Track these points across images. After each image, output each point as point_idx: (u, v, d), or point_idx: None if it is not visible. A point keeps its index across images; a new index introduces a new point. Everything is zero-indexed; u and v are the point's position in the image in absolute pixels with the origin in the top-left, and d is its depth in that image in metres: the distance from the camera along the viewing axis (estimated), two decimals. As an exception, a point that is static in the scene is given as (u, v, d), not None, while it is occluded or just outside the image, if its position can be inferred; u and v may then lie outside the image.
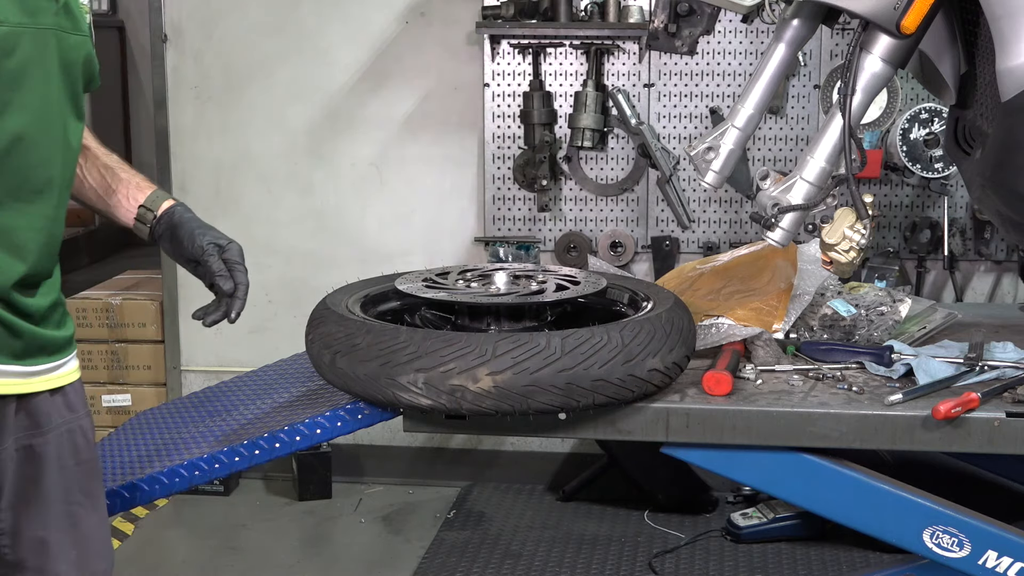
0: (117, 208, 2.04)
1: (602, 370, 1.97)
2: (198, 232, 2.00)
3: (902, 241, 3.92)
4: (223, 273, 1.97)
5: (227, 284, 1.97)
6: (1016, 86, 2.03)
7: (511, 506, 4.11)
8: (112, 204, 2.04)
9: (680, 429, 2.12)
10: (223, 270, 1.98)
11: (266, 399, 2.42)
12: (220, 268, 1.97)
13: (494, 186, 4.09)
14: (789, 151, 3.95)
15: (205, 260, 1.98)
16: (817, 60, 3.89)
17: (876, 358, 2.32)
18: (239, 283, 1.98)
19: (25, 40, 1.68)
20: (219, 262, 1.98)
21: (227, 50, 4.18)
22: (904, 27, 2.07)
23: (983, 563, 2.08)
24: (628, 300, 2.36)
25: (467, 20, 4.01)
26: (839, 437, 2.10)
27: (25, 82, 1.69)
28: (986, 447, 2.09)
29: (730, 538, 3.75)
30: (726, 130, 2.31)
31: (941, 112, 3.60)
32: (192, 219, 2.03)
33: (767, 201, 2.20)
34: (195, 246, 1.99)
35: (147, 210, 2.03)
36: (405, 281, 2.29)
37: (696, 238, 4.04)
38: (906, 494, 2.13)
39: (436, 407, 1.98)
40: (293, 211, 4.25)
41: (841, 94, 2.13)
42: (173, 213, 2.02)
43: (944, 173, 3.66)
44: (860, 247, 2.31)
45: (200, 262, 1.99)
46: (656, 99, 3.98)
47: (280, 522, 4.08)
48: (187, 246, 1.99)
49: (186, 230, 2.00)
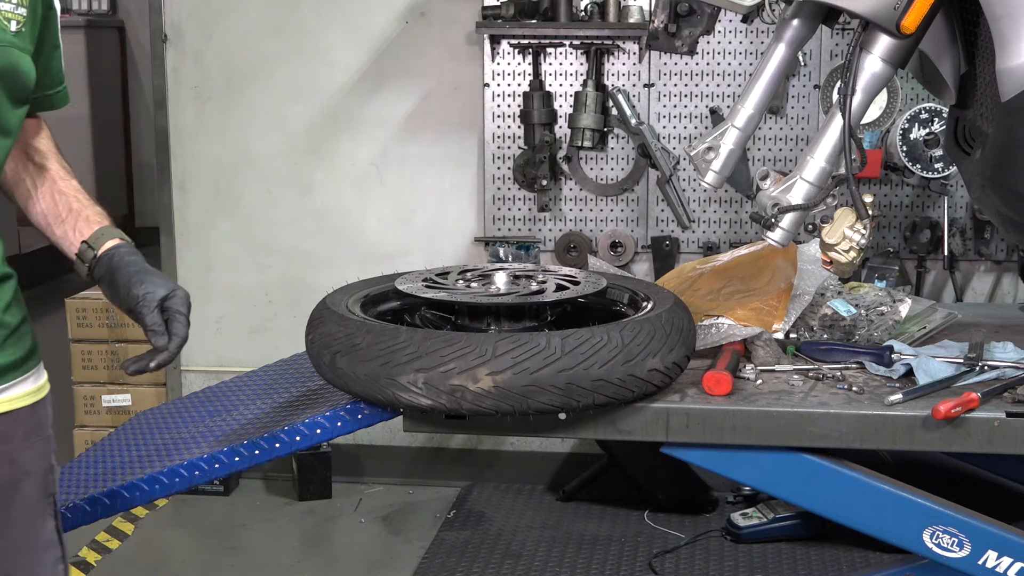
0: (62, 239, 1.89)
1: (602, 370, 1.97)
2: (135, 280, 1.83)
3: (902, 241, 3.92)
4: (156, 329, 1.80)
5: (160, 341, 1.80)
6: (1016, 86, 2.03)
7: (511, 506, 4.11)
8: (58, 234, 1.89)
9: (680, 429, 2.12)
10: (157, 324, 1.81)
11: (266, 399, 2.42)
12: (154, 323, 1.81)
13: (494, 186, 4.09)
14: (789, 151, 3.95)
15: (139, 312, 1.81)
16: (817, 60, 3.89)
17: (876, 358, 2.32)
18: (175, 335, 1.82)
19: None
20: (154, 315, 1.81)
21: (227, 50, 4.18)
22: (904, 27, 2.07)
23: (983, 563, 2.08)
24: (628, 300, 2.36)
25: (467, 20, 4.01)
26: (839, 437, 2.10)
27: None
28: (986, 447, 2.09)
29: (730, 538, 3.75)
30: (726, 130, 2.31)
31: (941, 112, 3.60)
32: (133, 263, 1.85)
33: (767, 201, 2.20)
34: (130, 295, 1.82)
35: (88, 247, 1.87)
36: (405, 281, 2.29)
37: (696, 238, 4.04)
38: (906, 494, 2.13)
39: (436, 407, 1.98)
40: (293, 211, 4.24)
41: (841, 94, 2.13)
42: (113, 255, 1.85)
43: (944, 173, 3.66)
44: (860, 247, 2.31)
45: (134, 313, 1.83)
46: (656, 99, 3.98)
47: (280, 522, 4.08)
48: (123, 294, 1.83)
49: (123, 275, 1.83)
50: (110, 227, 1.89)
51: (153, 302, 1.81)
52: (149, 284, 1.83)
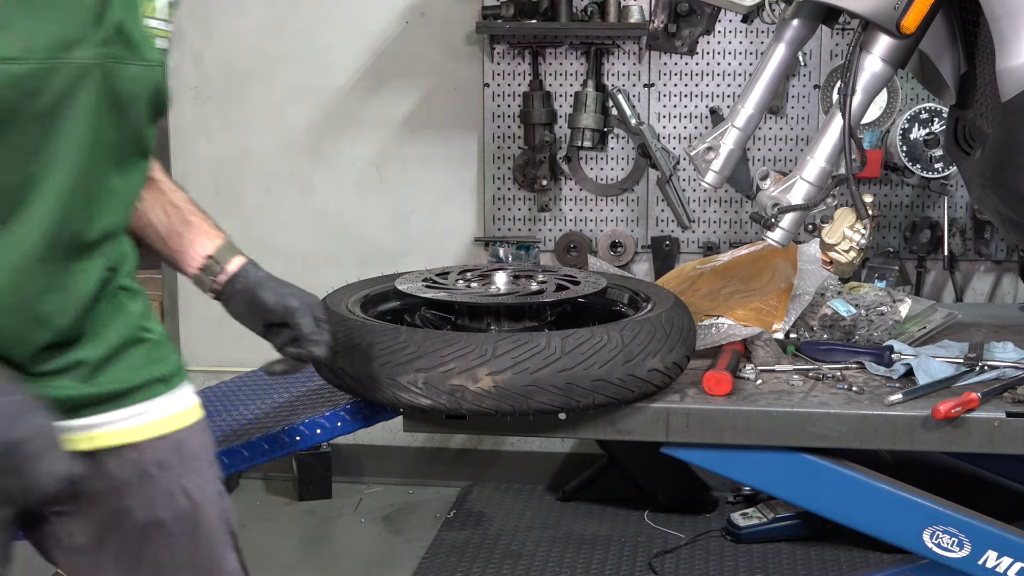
0: (177, 253, 1.83)
1: (602, 370, 1.97)
2: (283, 292, 1.81)
3: (902, 241, 3.92)
4: (315, 338, 1.79)
5: (319, 350, 1.80)
6: (1016, 86, 2.03)
7: (511, 506, 4.11)
8: (172, 247, 1.83)
9: (680, 429, 2.12)
10: (315, 333, 1.80)
11: (266, 399, 2.42)
12: (311, 331, 1.79)
13: (494, 186, 4.09)
14: (789, 151, 3.95)
15: (296, 323, 1.79)
16: (817, 60, 3.89)
17: (876, 358, 2.32)
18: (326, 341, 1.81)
19: (56, 78, 1.47)
20: (311, 325, 1.80)
21: (227, 50, 4.18)
22: (904, 27, 2.07)
23: (983, 563, 2.08)
24: (628, 300, 2.36)
25: (467, 20, 4.01)
26: (839, 437, 2.10)
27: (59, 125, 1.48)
28: (986, 447, 2.10)
29: (730, 538, 3.75)
30: (726, 130, 2.31)
31: (941, 112, 3.60)
32: (269, 277, 1.84)
33: (767, 201, 2.20)
34: (284, 307, 1.80)
35: (215, 262, 1.82)
36: (405, 281, 2.29)
37: (696, 238, 4.04)
38: (906, 494, 2.13)
39: (436, 407, 1.98)
40: (293, 211, 4.24)
41: (841, 94, 2.14)
42: (249, 272, 1.82)
43: (944, 173, 3.66)
44: (860, 247, 2.31)
45: (289, 325, 1.80)
46: (656, 99, 3.97)
47: (280, 522, 4.07)
48: (271, 307, 1.80)
49: (267, 290, 1.81)
50: (231, 242, 1.85)
51: (308, 312, 1.80)
52: (297, 295, 1.82)
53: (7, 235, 1.47)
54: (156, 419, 1.65)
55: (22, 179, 1.47)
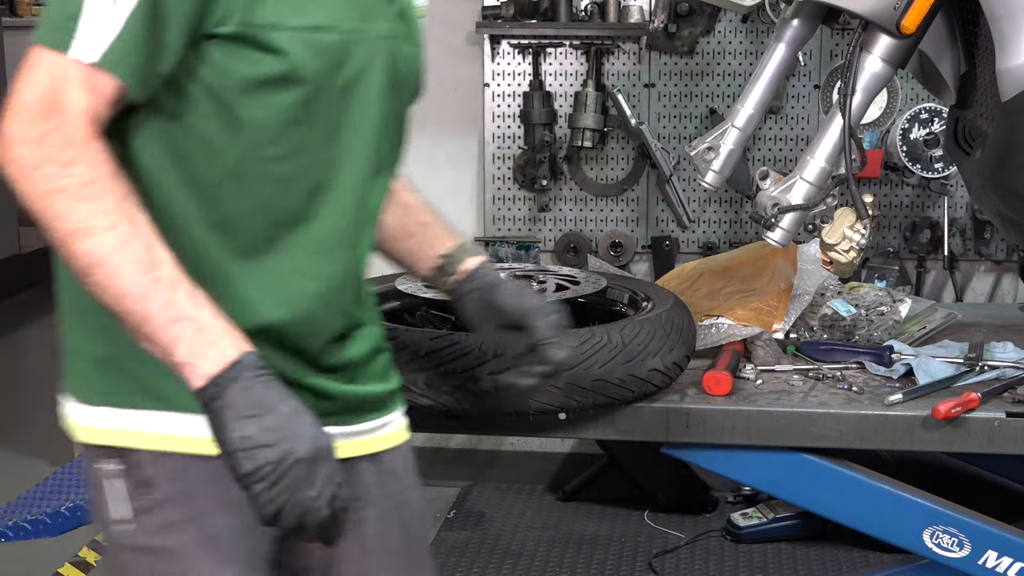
0: (409, 253, 1.76)
1: (602, 370, 1.98)
2: (520, 294, 1.72)
3: (902, 241, 3.92)
4: (552, 340, 1.68)
5: (560, 354, 1.68)
6: (1016, 86, 2.03)
7: (511, 506, 4.11)
8: (404, 248, 1.76)
9: (680, 429, 2.12)
10: (552, 336, 1.68)
11: (266, 399, 2.41)
12: (549, 334, 1.68)
13: (494, 186, 4.09)
14: (789, 151, 3.95)
15: (532, 324, 1.69)
16: (817, 60, 3.89)
17: (876, 358, 2.32)
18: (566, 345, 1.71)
19: (358, 50, 1.41)
20: (548, 326, 1.69)
21: (227, 50, 4.18)
22: (904, 27, 2.07)
23: (983, 563, 2.08)
24: (628, 300, 2.36)
25: (467, 20, 4.00)
26: (839, 437, 2.10)
27: (353, 102, 1.44)
28: (986, 447, 2.10)
29: (730, 538, 3.75)
30: (726, 130, 2.31)
31: (941, 112, 3.60)
32: (505, 279, 1.76)
33: (767, 201, 2.21)
34: (520, 309, 1.70)
35: (450, 262, 1.75)
36: (405, 281, 2.29)
37: (696, 238, 4.04)
38: (906, 494, 2.13)
39: (436, 407, 1.98)
40: (293, 211, 4.24)
41: (841, 94, 2.14)
42: (486, 271, 1.75)
43: (944, 173, 3.66)
44: (860, 247, 2.31)
45: (525, 327, 1.70)
46: (656, 99, 3.97)
47: (280, 522, 4.07)
48: (505, 307, 1.71)
49: (503, 292, 1.72)
50: (466, 244, 1.79)
51: (543, 315, 1.70)
52: (531, 297, 1.75)
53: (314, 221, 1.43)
54: (397, 429, 1.62)
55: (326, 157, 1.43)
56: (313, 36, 1.35)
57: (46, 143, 1.27)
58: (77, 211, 1.27)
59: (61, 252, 1.30)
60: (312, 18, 1.35)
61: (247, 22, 1.32)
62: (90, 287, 1.30)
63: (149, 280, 1.28)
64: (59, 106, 1.27)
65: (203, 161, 1.37)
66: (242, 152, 1.37)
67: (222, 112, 1.36)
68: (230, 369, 1.28)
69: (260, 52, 1.34)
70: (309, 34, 1.35)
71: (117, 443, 1.41)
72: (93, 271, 1.28)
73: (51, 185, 1.27)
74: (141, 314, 1.28)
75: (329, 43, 1.37)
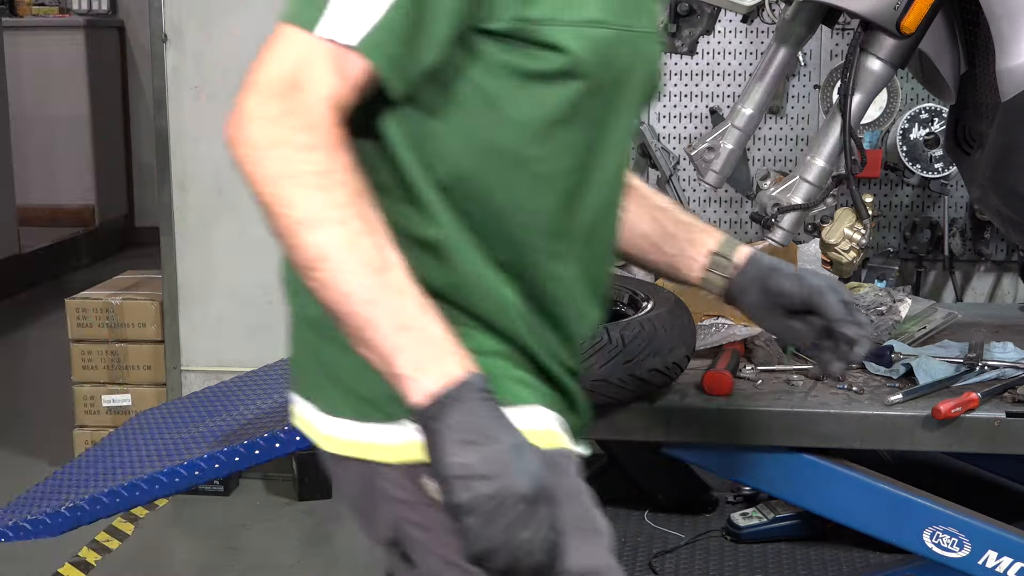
0: (676, 258, 1.65)
1: (602, 370, 1.97)
2: (801, 274, 1.60)
3: (902, 241, 3.92)
4: (847, 318, 1.56)
5: (853, 330, 1.56)
6: (1016, 86, 2.03)
7: (511, 506, 4.11)
8: (670, 254, 1.65)
9: (680, 429, 2.12)
10: (846, 314, 1.57)
11: (266, 399, 2.42)
12: (843, 312, 1.57)
13: (494, 186, 4.09)
14: (789, 151, 3.95)
15: (823, 303, 1.57)
16: (817, 60, 3.88)
17: (876, 358, 2.32)
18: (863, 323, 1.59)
19: (625, 47, 1.33)
20: (839, 305, 1.57)
21: (227, 50, 4.17)
22: (904, 27, 2.07)
23: (983, 563, 2.08)
24: (628, 300, 2.36)
25: (467, 20, 4.00)
26: (839, 437, 2.10)
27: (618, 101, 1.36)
28: (986, 447, 2.10)
29: (730, 538, 3.74)
30: (726, 130, 2.31)
31: (941, 112, 3.59)
32: (780, 261, 1.65)
33: (767, 201, 2.21)
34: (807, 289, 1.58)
35: (721, 257, 1.63)
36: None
37: (696, 238, 4.03)
38: (906, 494, 2.13)
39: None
40: (293, 211, 4.23)
41: (841, 94, 2.14)
42: (760, 258, 1.63)
43: (944, 173, 3.66)
44: (860, 247, 2.31)
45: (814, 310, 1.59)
46: (656, 99, 3.97)
47: (280, 522, 4.07)
48: (791, 292, 1.59)
49: (782, 275, 1.60)
50: (730, 236, 1.68)
51: (833, 292, 1.58)
52: (819, 275, 1.63)
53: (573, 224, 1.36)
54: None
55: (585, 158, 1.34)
56: (590, 31, 1.28)
57: (283, 123, 1.20)
58: (308, 200, 1.20)
59: (284, 242, 1.23)
60: (587, 12, 1.28)
61: (521, 16, 1.25)
62: (310, 282, 1.23)
63: (377, 282, 1.19)
64: (302, 86, 1.21)
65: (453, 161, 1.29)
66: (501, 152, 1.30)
67: (488, 109, 1.28)
68: (455, 389, 1.18)
69: (538, 48, 1.26)
70: (586, 28, 1.27)
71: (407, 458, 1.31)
72: (318, 266, 1.21)
73: (283, 169, 1.20)
74: (364, 317, 1.20)
75: (603, 37, 1.29)
